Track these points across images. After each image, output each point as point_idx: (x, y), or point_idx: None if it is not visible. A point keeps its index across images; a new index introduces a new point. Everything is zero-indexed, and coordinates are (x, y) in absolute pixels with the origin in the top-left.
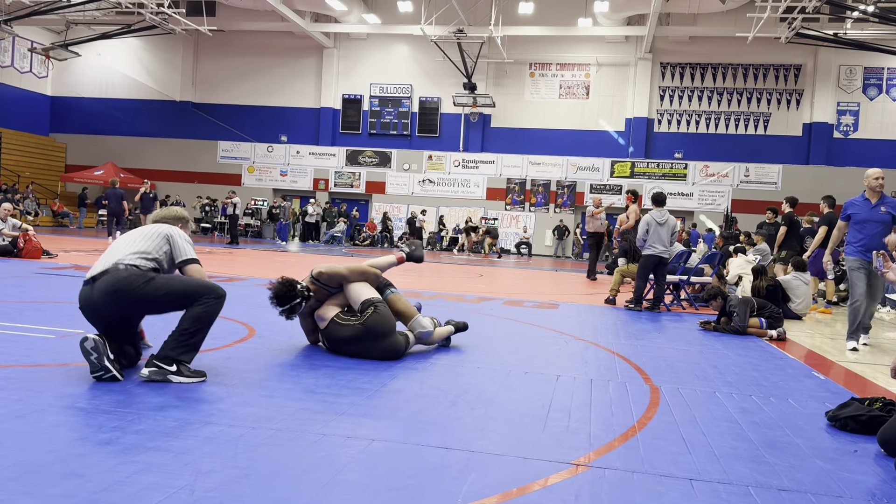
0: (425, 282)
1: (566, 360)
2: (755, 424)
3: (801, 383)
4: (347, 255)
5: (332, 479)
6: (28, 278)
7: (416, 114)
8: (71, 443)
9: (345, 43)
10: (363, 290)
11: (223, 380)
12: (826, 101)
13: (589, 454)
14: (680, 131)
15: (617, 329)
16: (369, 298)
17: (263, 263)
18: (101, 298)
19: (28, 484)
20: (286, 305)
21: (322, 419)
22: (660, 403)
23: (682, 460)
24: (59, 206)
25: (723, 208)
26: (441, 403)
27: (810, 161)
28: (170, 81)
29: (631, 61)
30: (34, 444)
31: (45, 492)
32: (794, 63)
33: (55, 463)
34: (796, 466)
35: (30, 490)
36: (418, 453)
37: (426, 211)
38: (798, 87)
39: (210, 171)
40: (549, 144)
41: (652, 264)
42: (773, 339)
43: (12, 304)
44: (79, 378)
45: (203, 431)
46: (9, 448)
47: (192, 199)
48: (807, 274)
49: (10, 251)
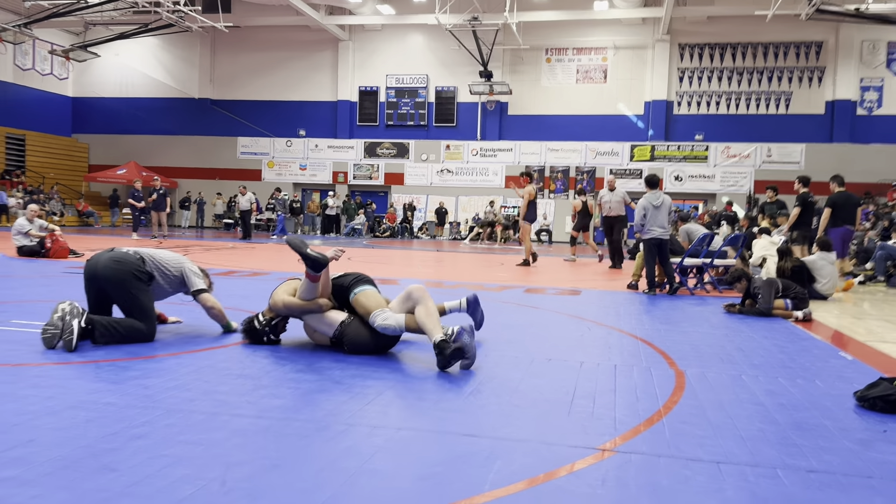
0: (445, 272)
1: (589, 347)
2: (782, 406)
3: (828, 364)
4: (368, 248)
5: (360, 468)
6: (56, 277)
7: (432, 104)
8: (103, 438)
9: (360, 35)
10: (321, 325)
11: (249, 373)
12: (849, 78)
13: (615, 439)
14: (700, 113)
15: (640, 314)
16: (333, 332)
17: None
18: (104, 265)
19: (63, 479)
20: (256, 339)
21: (348, 409)
22: (685, 387)
23: (709, 444)
24: (84, 206)
25: (745, 189)
26: (465, 392)
27: (833, 139)
28: (188, 79)
29: (648, 43)
30: (68, 439)
31: (79, 486)
32: (814, 40)
33: (88, 458)
34: (825, 448)
35: (65, 484)
36: (444, 441)
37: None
38: (819, 64)
39: (231, 168)
40: (568, 130)
41: (654, 248)
42: (799, 321)
43: (42, 304)
44: (109, 375)
45: (231, 424)
46: (43, 444)
47: (212, 196)
48: (832, 254)
49: (37, 251)
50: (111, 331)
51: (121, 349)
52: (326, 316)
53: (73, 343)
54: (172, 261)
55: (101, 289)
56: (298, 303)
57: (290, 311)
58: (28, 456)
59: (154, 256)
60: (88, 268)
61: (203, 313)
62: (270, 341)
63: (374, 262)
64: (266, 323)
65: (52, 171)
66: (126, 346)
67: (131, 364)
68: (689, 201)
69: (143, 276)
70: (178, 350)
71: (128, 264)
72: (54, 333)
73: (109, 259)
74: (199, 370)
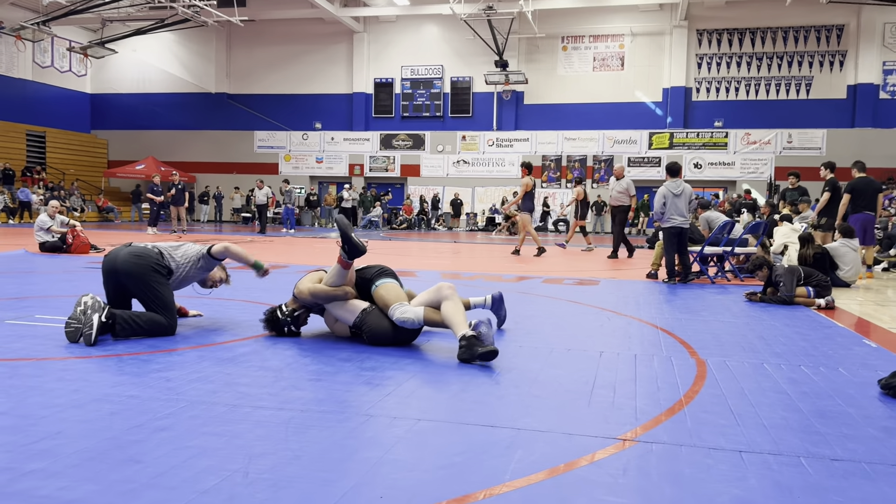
0: (463, 263)
1: (609, 336)
2: (805, 395)
3: (851, 352)
4: (385, 240)
5: (382, 459)
6: (78, 273)
7: (447, 94)
8: (128, 430)
9: (374, 26)
10: (343, 312)
11: (270, 365)
12: (871, 62)
13: (636, 429)
14: (719, 99)
15: (660, 303)
16: (354, 319)
17: (281, 250)
18: (123, 259)
19: (90, 470)
20: (277, 330)
21: (368, 400)
22: (706, 377)
23: (731, 432)
24: (104, 202)
25: (766, 176)
26: (484, 382)
27: (856, 124)
28: (204, 74)
29: (666, 29)
30: (93, 431)
31: (106, 478)
32: (835, 23)
33: (114, 450)
34: (849, 436)
35: (91, 476)
36: (464, 432)
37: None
38: (841, 48)
39: (248, 161)
40: (585, 119)
41: (674, 236)
42: (822, 308)
43: (64, 299)
44: (131, 368)
45: (253, 416)
46: (70, 436)
47: (230, 190)
48: (855, 240)
49: (59, 247)
50: (132, 325)
51: (142, 343)
52: (349, 303)
53: (93, 338)
54: (191, 252)
55: (121, 283)
56: (325, 289)
57: (317, 297)
58: (55, 448)
59: (172, 250)
60: (107, 263)
61: (221, 307)
62: (291, 333)
63: (391, 254)
64: (289, 314)
65: (72, 168)
66: (147, 339)
67: (153, 357)
68: (708, 189)
69: (162, 270)
70: (199, 343)
71: (147, 259)
72: (77, 328)
73: (128, 254)
74: (220, 362)
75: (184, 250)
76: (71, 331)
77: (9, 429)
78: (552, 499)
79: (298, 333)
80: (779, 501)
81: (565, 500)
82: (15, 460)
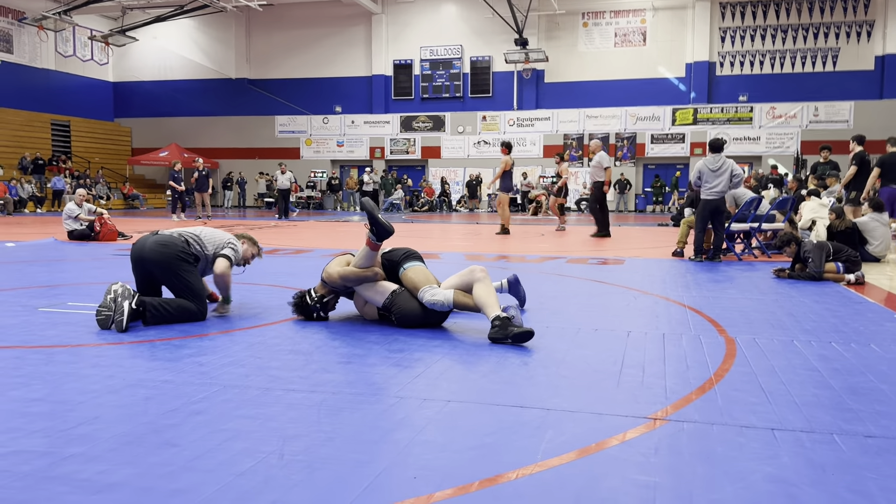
0: (484, 244)
1: (636, 316)
2: (836, 371)
3: (882, 327)
4: (407, 222)
5: (413, 440)
6: (106, 260)
7: (467, 75)
8: (163, 414)
9: (392, 7)
10: (372, 294)
11: (300, 348)
12: None
13: (666, 408)
14: (744, 73)
15: (687, 281)
16: (384, 301)
17: (306, 235)
18: (150, 248)
19: (128, 454)
20: (306, 315)
21: (398, 382)
22: (736, 355)
23: (763, 410)
24: (129, 189)
25: (792, 151)
26: (512, 363)
27: (884, 96)
28: (225, 60)
29: (688, 3)
30: (129, 416)
31: (144, 461)
32: None
33: (151, 434)
34: (882, 413)
35: (130, 460)
36: (494, 412)
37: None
38: (868, 17)
39: (269, 147)
40: (606, 96)
41: (708, 211)
42: (852, 284)
43: (95, 286)
44: (164, 354)
45: (286, 398)
46: (107, 421)
47: (253, 175)
48: (885, 214)
49: (87, 235)
50: (162, 311)
51: (174, 328)
52: (378, 285)
53: (124, 324)
54: (217, 238)
55: (149, 271)
56: (354, 271)
57: (347, 280)
58: (93, 433)
59: (198, 236)
60: (135, 252)
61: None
62: (319, 318)
63: (414, 236)
64: (317, 300)
65: (96, 156)
66: (179, 325)
67: (185, 342)
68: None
69: (188, 258)
70: (230, 328)
71: (173, 247)
72: (108, 315)
73: (155, 243)
74: (251, 346)
75: (215, 240)
76: (102, 318)
77: (47, 414)
78: (584, 478)
79: (326, 318)
80: (812, 479)
81: (597, 479)
82: (54, 445)
